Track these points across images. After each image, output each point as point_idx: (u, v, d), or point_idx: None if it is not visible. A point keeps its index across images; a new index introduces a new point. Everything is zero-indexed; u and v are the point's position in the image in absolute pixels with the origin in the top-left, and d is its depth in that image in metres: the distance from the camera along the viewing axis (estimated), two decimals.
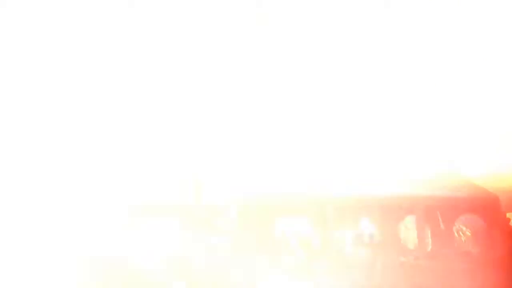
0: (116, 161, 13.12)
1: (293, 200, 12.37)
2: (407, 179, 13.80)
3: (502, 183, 14.76)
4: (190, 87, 16.11)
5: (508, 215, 16.79)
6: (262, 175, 12.96)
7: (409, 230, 15.90)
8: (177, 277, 10.69)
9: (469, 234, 14.70)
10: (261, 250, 12.01)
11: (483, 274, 9.58)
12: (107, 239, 12.50)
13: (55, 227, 11.39)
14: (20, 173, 12.24)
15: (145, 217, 14.73)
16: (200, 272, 9.29)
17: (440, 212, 14.32)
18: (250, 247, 13.60)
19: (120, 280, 10.05)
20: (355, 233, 11.86)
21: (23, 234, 11.38)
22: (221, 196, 11.53)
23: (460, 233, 14.71)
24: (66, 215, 11.68)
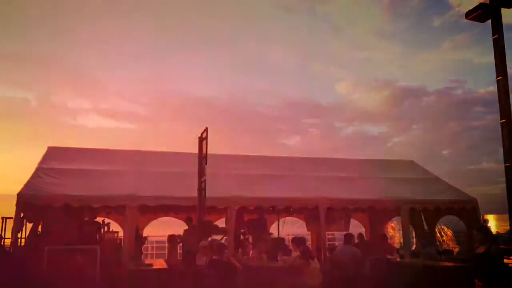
0: None
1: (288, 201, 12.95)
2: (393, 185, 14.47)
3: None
4: None
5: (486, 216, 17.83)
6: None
7: (395, 230, 16.81)
8: None
9: (450, 234, 15.62)
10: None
11: (461, 270, 10.30)
12: None
13: None
14: None
15: None
16: None
17: (423, 214, 15.21)
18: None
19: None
20: (346, 233, 12.48)
21: None
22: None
23: (442, 233, 15.63)
24: None
